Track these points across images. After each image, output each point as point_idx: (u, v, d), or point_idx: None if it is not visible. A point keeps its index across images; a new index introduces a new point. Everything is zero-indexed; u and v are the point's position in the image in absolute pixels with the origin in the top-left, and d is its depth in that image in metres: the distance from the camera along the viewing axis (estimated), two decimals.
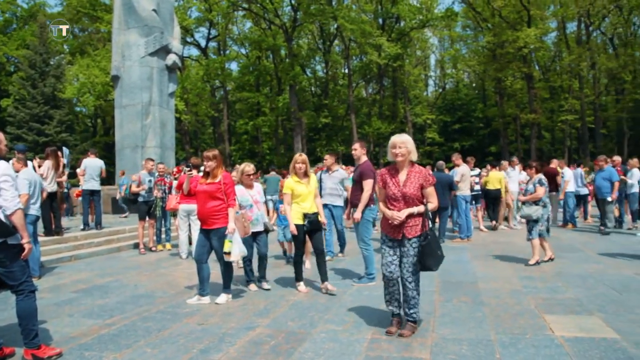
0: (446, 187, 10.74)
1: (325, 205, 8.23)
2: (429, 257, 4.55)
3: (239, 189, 6.51)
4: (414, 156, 4.65)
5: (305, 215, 6.30)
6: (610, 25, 41.27)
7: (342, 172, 9.11)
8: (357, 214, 6.83)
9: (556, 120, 40.40)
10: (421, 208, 4.57)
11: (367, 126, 39.55)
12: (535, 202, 8.10)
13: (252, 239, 6.63)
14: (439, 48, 54.16)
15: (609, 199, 11.66)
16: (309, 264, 8.05)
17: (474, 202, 13.77)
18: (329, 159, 9.04)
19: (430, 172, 4.53)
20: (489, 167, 14.82)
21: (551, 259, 8.25)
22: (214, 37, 43.83)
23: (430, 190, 4.61)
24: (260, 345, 4.45)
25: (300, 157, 6.44)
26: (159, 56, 17.54)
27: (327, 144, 41.04)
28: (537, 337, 4.50)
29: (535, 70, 41.56)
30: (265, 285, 6.72)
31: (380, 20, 38.93)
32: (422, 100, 51.04)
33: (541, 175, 8.31)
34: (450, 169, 13.01)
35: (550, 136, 46.82)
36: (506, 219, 13.81)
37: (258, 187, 6.95)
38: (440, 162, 11.81)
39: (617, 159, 13.55)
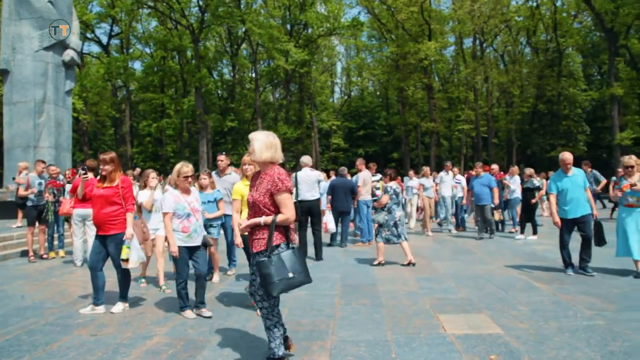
0: (348, 192, 11.06)
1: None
2: (265, 277, 3.76)
3: (173, 195, 5.57)
4: (264, 155, 3.91)
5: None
6: (502, 43, 44.61)
7: (235, 176, 7.88)
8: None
9: (454, 129, 42.63)
10: (268, 219, 3.83)
11: (274, 131, 39.23)
12: (383, 208, 8.65)
13: (189, 256, 5.61)
14: (345, 56, 55.51)
15: (492, 204, 12.47)
16: (217, 277, 7.68)
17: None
18: (224, 161, 7.99)
19: (282, 177, 3.85)
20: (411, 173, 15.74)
21: (411, 264, 8.65)
22: (117, 34, 42.13)
23: (281, 199, 3.83)
24: (158, 355, 4.37)
25: (249, 158, 5.42)
26: (55, 51, 16.62)
27: (232, 148, 40.69)
28: (430, 335, 4.78)
29: (435, 81, 43.62)
30: (205, 312, 5.60)
31: (289, 26, 39.23)
32: (328, 106, 51.98)
33: (392, 183, 8.86)
34: (353, 174, 13.39)
35: (448, 144, 49.26)
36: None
37: (195, 193, 5.90)
38: (342, 168, 12.16)
39: (495, 167, 14.78)
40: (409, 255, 8.69)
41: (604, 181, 15.14)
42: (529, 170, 13.12)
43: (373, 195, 12.69)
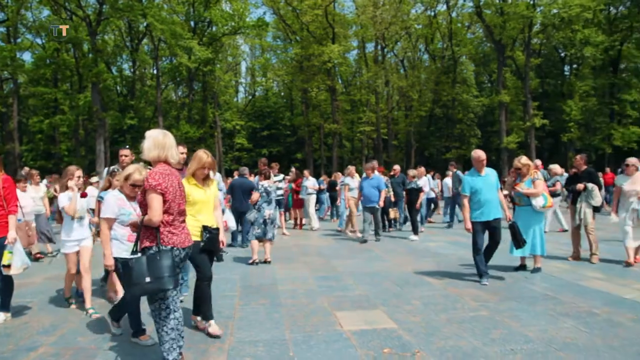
0: (247, 193, 11.02)
1: None
2: (128, 279, 3.79)
3: (116, 198, 4.82)
4: (151, 154, 3.92)
5: (205, 228, 4.89)
6: (402, 49, 46.41)
7: None
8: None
9: (355, 130, 43.70)
10: (140, 218, 3.90)
11: (176, 130, 38.55)
12: (254, 206, 9.02)
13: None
14: (250, 56, 55.25)
15: (377, 205, 11.87)
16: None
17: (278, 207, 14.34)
18: (129, 156, 7.08)
19: (155, 175, 3.79)
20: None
21: (267, 261, 8.92)
22: (2, 21, 39.14)
23: (147, 198, 3.80)
24: None
25: (207, 157, 5.03)
26: None
27: (132, 147, 39.14)
28: (327, 333, 4.91)
29: (338, 83, 44.47)
30: (144, 339, 4.76)
31: (192, 23, 38.39)
32: (232, 106, 51.50)
33: (265, 182, 9.16)
34: (257, 174, 13.34)
35: (350, 145, 50.41)
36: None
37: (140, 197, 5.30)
38: (243, 168, 12.06)
39: (397, 167, 14.92)
40: (267, 254, 8.95)
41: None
42: (412, 172, 13.30)
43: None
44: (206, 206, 5.03)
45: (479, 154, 7.33)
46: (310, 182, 15.41)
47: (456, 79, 42.75)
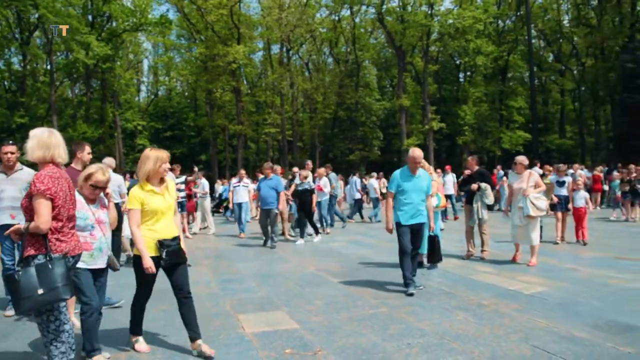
0: None
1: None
2: (13, 292, 3.47)
3: (79, 202, 4.10)
4: (35, 154, 3.62)
5: (161, 244, 4.27)
6: (307, 52, 46.92)
7: (29, 172, 5.86)
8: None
9: (261, 132, 43.58)
10: (25, 225, 3.53)
11: (72, 129, 36.56)
12: None
13: (93, 279, 4.22)
14: (152, 54, 53.43)
15: (276, 210, 11.44)
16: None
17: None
18: (15, 154, 5.85)
19: (41, 178, 3.47)
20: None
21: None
22: None
23: (34, 203, 3.46)
24: None
25: (163, 153, 4.41)
26: None
27: (22, 148, 36.62)
28: (229, 336, 4.89)
29: (243, 84, 44.14)
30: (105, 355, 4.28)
31: (90, 17, 36.55)
32: (134, 105, 49.56)
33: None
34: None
35: (255, 147, 50.22)
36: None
37: (102, 200, 4.47)
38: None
39: (296, 169, 14.72)
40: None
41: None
42: (304, 172, 12.72)
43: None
44: (167, 214, 4.38)
45: (415, 153, 6.80)
46: (205, 184, 15.17)
47: (359, 82, 43.86)
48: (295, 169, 13.50)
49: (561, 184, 11.13)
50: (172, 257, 4.32)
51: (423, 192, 6.79)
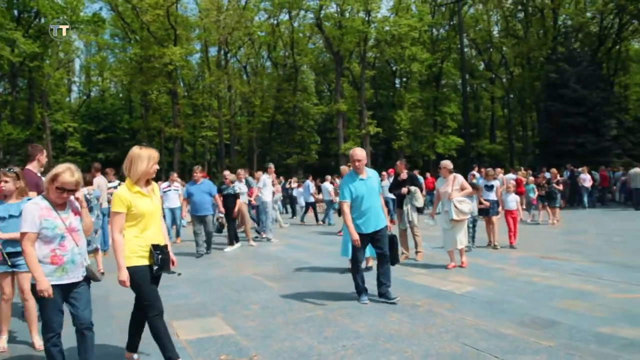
0: None
1: None
2: None
3: (38, 206, 3.71)
4: None
5: (155, 249, 3.99)
6: (245, 55, 46.63)
7: None
8: None
9: (198, 135, 42.97)
10: None
11: None
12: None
13: (62, 297, 3.76)
14: (84, 53, 51.49)
15: (213, 214, 11.19)
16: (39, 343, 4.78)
17: None
18: None
19: None
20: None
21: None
22: None
23: None
24: None
25: (155, 152, 4.13)
26: None
27: None
28: None
29: (180, 87, 43.41)
30: None
31: (16, 12, 34.85)
32: (64, 106, 47.67)
33: (84, 189, 8.87)
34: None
35: (192, 150, 49.41)
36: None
37: (73, 204, 3.93)
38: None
39: (233, 174, 14.41)
40: (99, 265, 8.40)
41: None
42: (231, 176, 12.29)
43: (109, 202, 12.04)
44: (154, 219, 4.05)
45: (354, 152, 6.29)
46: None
47: (297, 86, 44.00)
48: (226, 172, 13.24)
49: (489, 188, 10.95)
50: (164, 265, 4.03)
51: (377, 193, 6.33)
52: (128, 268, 3.91)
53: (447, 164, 8.88)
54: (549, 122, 29.95)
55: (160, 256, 3.97)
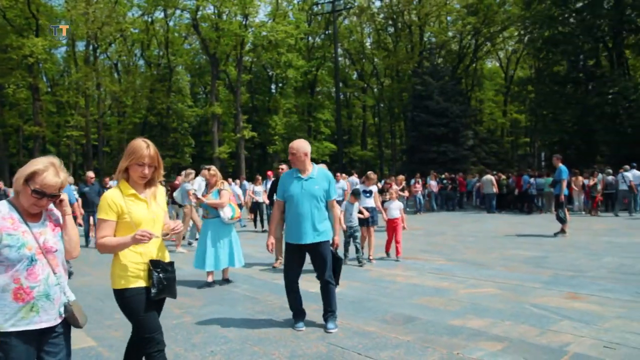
0: None
1: None
2: None
3: (3, 215, 2.64)
4: None
5: (155, 265, 3.18)
6: (116, 52, 44.49)
7: None
8: None
9: (62, 135, 40.23)
10: None
11: None
12: None
13: (29, 350, 2.62)
14: None
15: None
16: None
17: None
18: None
19: None
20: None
21: None
22: None
23: None
24: None
25: (148, 147, 3.26)
26: None
27: None
28: None
29: (42, 82, 40.44)
30: None
31: None
32: None
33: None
34: None
35: (56, 150, 46.07)
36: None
37: (53, 215, 2.86)
38: None
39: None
40: None
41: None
42: (90, 173, 12.11)
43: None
44: (156, 231, 3.20)
45: (291, 144, 5.43)
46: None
47: (171, 87, 42.92)
48: (90, 173, 12.61)
49: (368, 193, 9.96)
50: (165, 287, 3.20)
51: (317, 199, 5.26)
52: (118, 291, 3.18)
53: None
54: (415, 131, 32.05)
55: (160, 275, 3.15)
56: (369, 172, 10.46)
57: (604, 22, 27.60)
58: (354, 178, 19.10)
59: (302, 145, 5.29)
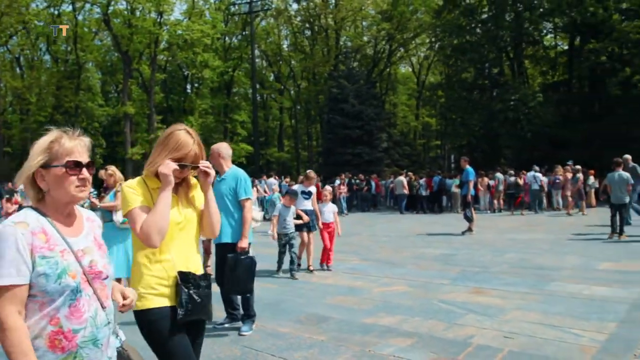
0: None
1: None
2: None
3: (32, 228, 1.79)
4: None
5: (183, 280, 2.43)
6: (18, 45, 41.78)
7: None
8: None
9: None
10: None
11: None
12: None
13: None
14: None
15: None
16: None
17: None
18: None
19: None
20: None
21: None
22: None
23: None
24: None
25: (193, 140, 2.72)
26: None
27: None
28: None
29: None
30: None
31: None
32: None
33: None
34: None
35: None
36: None
37: (99, 225, 2.13)
38: None
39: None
40: None
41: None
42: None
43: None
44: (185, 237, 2.55)
45: (212, 147, 5.29)
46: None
47: (80, 85, 40.97)
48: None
49: (307, 195, 8.93)
50: (197, 306, 2.46)
51: (231, 199, 5.09)
52: (138, 314, 2.45)
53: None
54: (331, 133, 32.54)
55: (191, 291, 2.44)
56: (308, 171, 9.42)
57: (506, 33, 29.58)
58: (273, 180, 19.11)
59: (217, 147, 5.28)
